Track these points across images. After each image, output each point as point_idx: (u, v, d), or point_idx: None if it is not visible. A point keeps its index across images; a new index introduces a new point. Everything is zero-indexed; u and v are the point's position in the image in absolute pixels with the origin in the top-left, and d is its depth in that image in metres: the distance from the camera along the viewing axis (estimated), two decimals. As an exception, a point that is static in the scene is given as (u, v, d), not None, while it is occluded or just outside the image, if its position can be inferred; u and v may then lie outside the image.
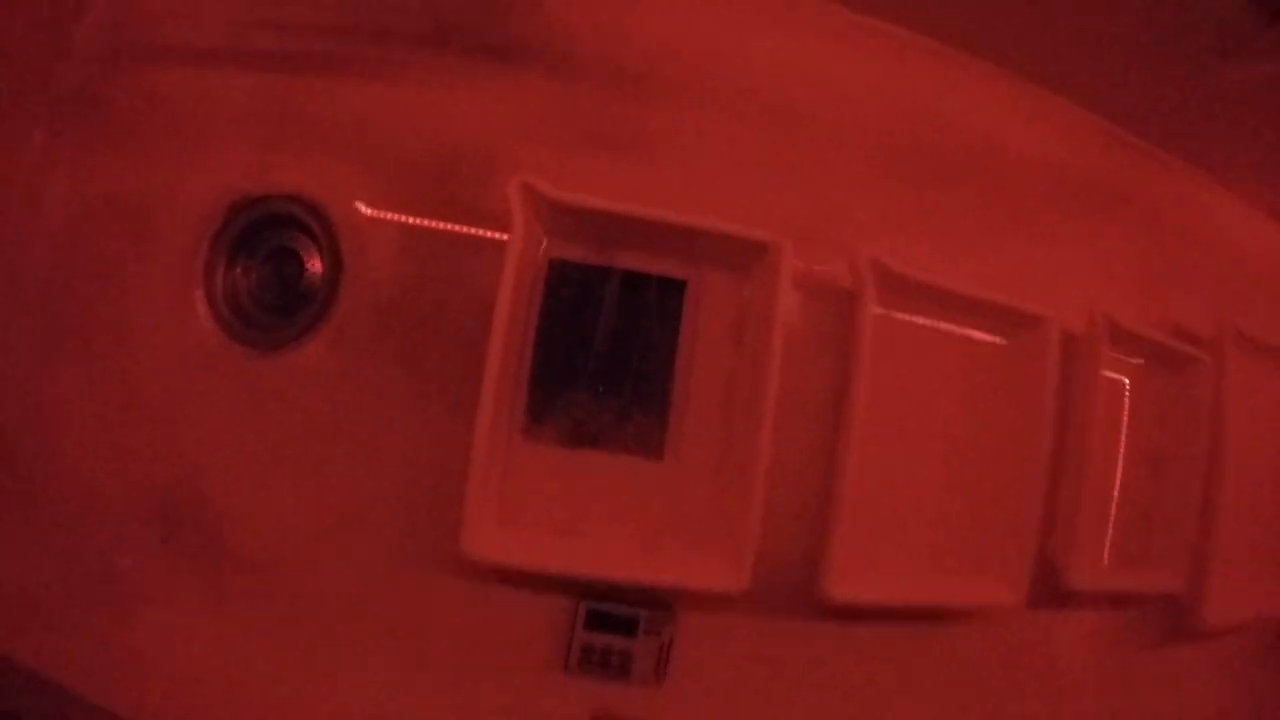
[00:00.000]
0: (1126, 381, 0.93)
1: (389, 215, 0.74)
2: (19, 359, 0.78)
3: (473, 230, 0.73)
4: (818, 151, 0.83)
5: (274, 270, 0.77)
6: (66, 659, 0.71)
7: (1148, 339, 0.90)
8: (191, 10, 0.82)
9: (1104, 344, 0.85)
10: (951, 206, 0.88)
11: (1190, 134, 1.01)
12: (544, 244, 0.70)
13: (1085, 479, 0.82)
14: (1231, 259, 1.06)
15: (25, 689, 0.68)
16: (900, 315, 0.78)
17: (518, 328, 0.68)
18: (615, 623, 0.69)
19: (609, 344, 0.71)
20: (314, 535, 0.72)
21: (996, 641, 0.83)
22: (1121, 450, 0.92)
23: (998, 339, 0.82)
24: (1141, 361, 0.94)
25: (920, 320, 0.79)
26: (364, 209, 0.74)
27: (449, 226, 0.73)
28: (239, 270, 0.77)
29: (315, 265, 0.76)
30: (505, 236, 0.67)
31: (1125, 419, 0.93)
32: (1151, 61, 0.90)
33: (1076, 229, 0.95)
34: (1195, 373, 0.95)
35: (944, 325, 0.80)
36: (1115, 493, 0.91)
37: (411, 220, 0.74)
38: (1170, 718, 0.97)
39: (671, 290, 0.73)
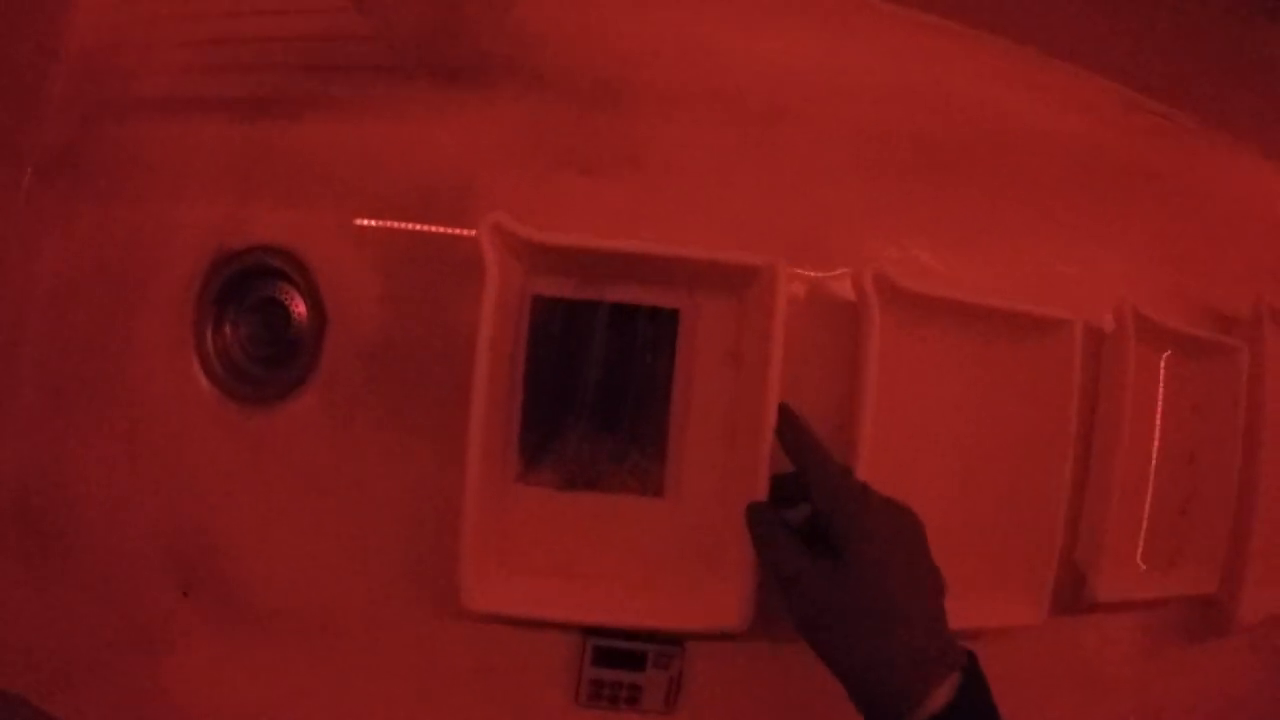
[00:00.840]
0: (1158, 373, 0.87)
1: (366, 260, 0.72)
2: (28, 421, 0.79)
3: (451, 271, 0.70)
4: (811, 153, 0.77)
5: (262, 321, 0.76)
6: (102, 713, 0.74)
7: (1179, 332, 0.84)
8: (158, 60, 0.79)
9: (1132, 342, 0.79)
10: (960, 197, 0.81)
11: (1221, 100, 0.91)
12: (525, 282, 0.67)
13: (1114, 483, 0.78)
14: (1268, 234, 0.97)
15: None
16: (909, 329, 0.73)
17: (502, 372, 0.65)
18: (623, 658, 0.68)
19: (601, 380, 0.69)
20: (323, 582, 0.73)
21: (1019, 653, 0.81)
22: (1153, 447, 0.87)
23: (1015, 345, 0.77)
24: (1171, 352, 0.88)
25: (930, 333, 0.74)
26: (341, 255, 0.72)
27: (427, 268, 0.71)
28: (228, 326, 0.76)
29: (302, 315, 0.75)
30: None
31: (1156, 414, 0.87)
32: (1177, 20, 0.81)
33: (1097, 209, 0.88)
34: (1230, 360, 0.88)
35: (956, 335, 0.75)
36: (1146, 492, 0.86)
37: (388, 264, 0.71)
38: (1205, 709, 0.94)
39: (664, 320, 0.69)
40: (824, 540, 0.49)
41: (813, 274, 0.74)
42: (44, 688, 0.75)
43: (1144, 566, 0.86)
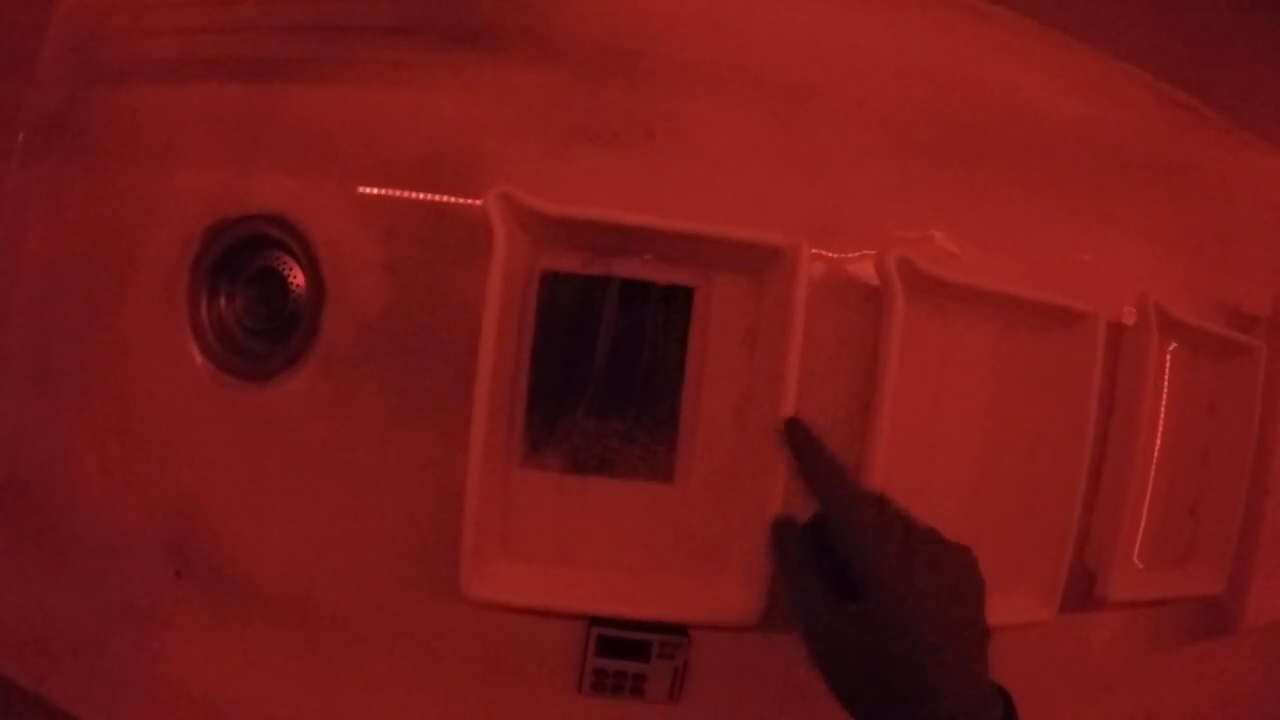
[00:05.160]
0: (1174, 370, 0.82)
1: (368, 231, 0.66)
2: (21, 395, 0.74)
3: (457, 243, 0.64)
4: (833, 131, 0.71)
5: (260, 294, 0.70)
6: (92, 694, 0.69)
7: (1197, 328, 0.79)
8: (153, 22, 0.73)
9: (1155, 338, 0.74)
10: (984, 182, 0.75)
11: (1250, 94, 0.86)
12: (534, 256, 0.61)
13: (1129, 481, 0.73)
14: (1294, 232, 0.92)
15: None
16: (930, 315, 0.67)
17: (509, 350, 0.60)
18: (628, 648, 0.64)
19: (611, 360, 0.63)
20: (321, 563, 0.68)
21: (1027, 649, 0.76)
22: (1166, 445, 0.82)
23: (1036, 336, 0.72)
24: (1188, 349, 0.83)
25: (951, 320, 0.69)
26: (342, 226, 0.66)
27: (431, 239, 0.65)
28: (223, 297, 0.70)
29: (300, 287, 0.69)
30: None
31: (1170, 411, 0.82)
32: (1208, 11, 0.75)
33: (1120, 199, 0.82)
34: (1248, 360, 0.83)
35: (976, 324, 0.70)
36: (1156, 490, 0.81)
37: (391, 235, 0.66)
38: (1208, 709, 0.90)
39: (677, 299, 0.64)
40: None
41: (832, 255, 0.68)
42: (35, 667, 0.71)
43: (1151, 566, 0.82)
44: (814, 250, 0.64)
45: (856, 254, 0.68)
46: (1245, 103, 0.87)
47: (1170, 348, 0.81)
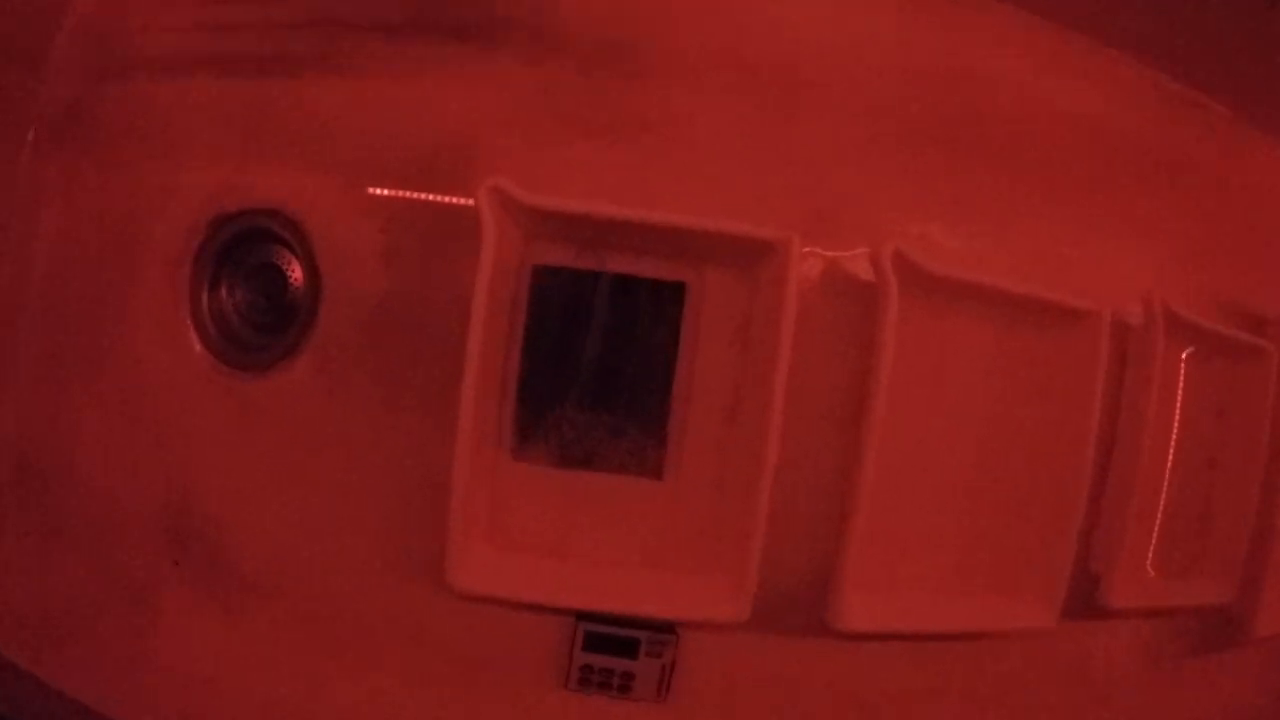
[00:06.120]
0: (1182, 372, 0.79)
1: (364, 224, 0.66)
2: (29, 379, 0.75)
3: (452, 235, 0.64)
4: (828, 125, 0.69)
5: (259, 287, 0.71)
6: (88, 676, 0.69)
7: (1206, 330, 0.76)
8: (163, 18, 0.74)
9: (1162, 339, 0.71)
10: (983, 177, 0.74)
11: (1259, 88, 0.83)
12: (525, 250, 0.61)
13: (1134, 486, 0.70)
14: (1306, 231, 0.88)
15: (46, 709, 0.67)
16: (926, 312, 0.66)
17: (498, 342, 0.59)
18: (615, 644, 0.63)
19: (601, 355, 0.62)
20: (313, 552, 0.68)
21: (1027, 656, 0.74)
22: (1172, 449, 0.79)
23: (1037, 335, 0.70)
24: (1196, 350, 0.80)
25: (948, 318, 0.67)
26: (339, 218, 0.66)
27: (427, 232, 0.65)
28: (224, 289, 0.70)
29: (298, 281, 0.69)
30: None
31: (1177, 415, 0.79)
32: (1218, 7, 0.73)
33: (1124, 196, 0.79)
34: (1259, 362, 0.80)
35: (975, 322, 0.68)
36: (1163, 496, 0.79)
37: (388, 228, 0.65)
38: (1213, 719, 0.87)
39: (669, 294, 0.63)
40: None
41: (827, 251, 0.67)
42: (32, 649, 0.71)
43: (1158, 573, 0.79)
44: (808, 245, 0.63)
45: (852, 249, 0.67)
46: (1254, 99, 0.84)
47: (1177, 349, 0.78)
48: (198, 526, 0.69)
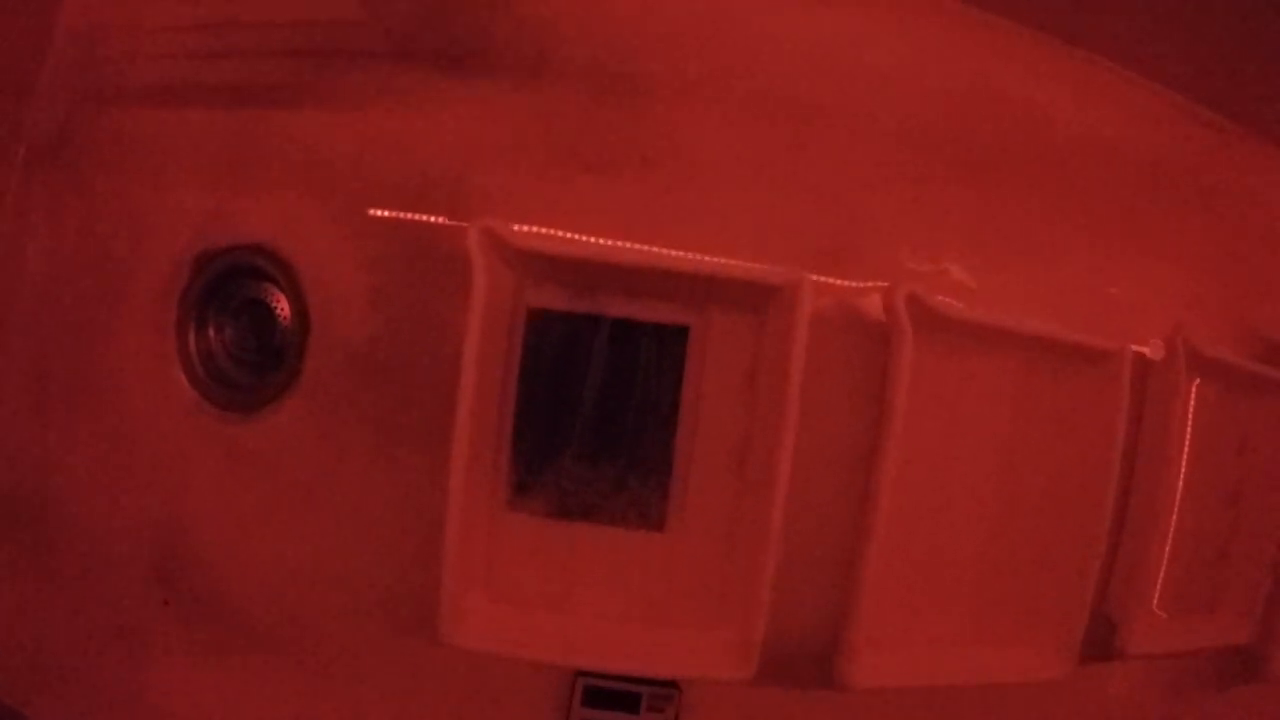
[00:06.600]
0: (1204, 408, 0.76)
1: (353, 260, 0.63)
2: (17, 415, 0.72)
3: (443, 273, 0.61)
4: (841, 152, 0.66)
5: (248, 324, 0.68)
6: (77, 715, 0.68)
7: (1230, 365, 0.73)
8: (148, 46, 0.71)
9: (1183, 379, 0.68)
10: (1003, 207, 0.70)
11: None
12: (519, 293, 0.58)
13: (1155, 529, 0.68)
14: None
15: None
16: (941, 354, 0.62)
17: (491, 391, 0.57)
18: (616, 699, 0.61)
19: (600, 402, 0.59)
20: (304, 596, 0.65)
21: (1043, 701, 0.72)
22: (1192, 488, 0.76)
23: (1056, 376, 0.66)
24: (1220, 386, 0.76)
25: (964, 359, 0.64)
26: (327, 254, 0.63)
27: (418, 269, 0.62)
28: (212, 328, 0.68)
29: (286, 318, 0.66)
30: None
31: (1199, 452, 0.76)
32: (1243, 24, 0.69)
33: (1147, 225, 0.76)
34: (1279, 396, 0.77)
35: (992, 363, 0.65)
36: (1182, 537, 0.75)
37: (377, 264, 0.62)
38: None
39: (671, 338, 0.60)
40: None
41: (840, 283, 0.63)
42: (22, 688, 0.70)
43: (1176, 614, 0.76)
44: (821, 279, 0.60)
45: (867, 284, 0.63)
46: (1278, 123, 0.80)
47: (1199, 386, 0.74)
48: (188, 568, 0.67)
